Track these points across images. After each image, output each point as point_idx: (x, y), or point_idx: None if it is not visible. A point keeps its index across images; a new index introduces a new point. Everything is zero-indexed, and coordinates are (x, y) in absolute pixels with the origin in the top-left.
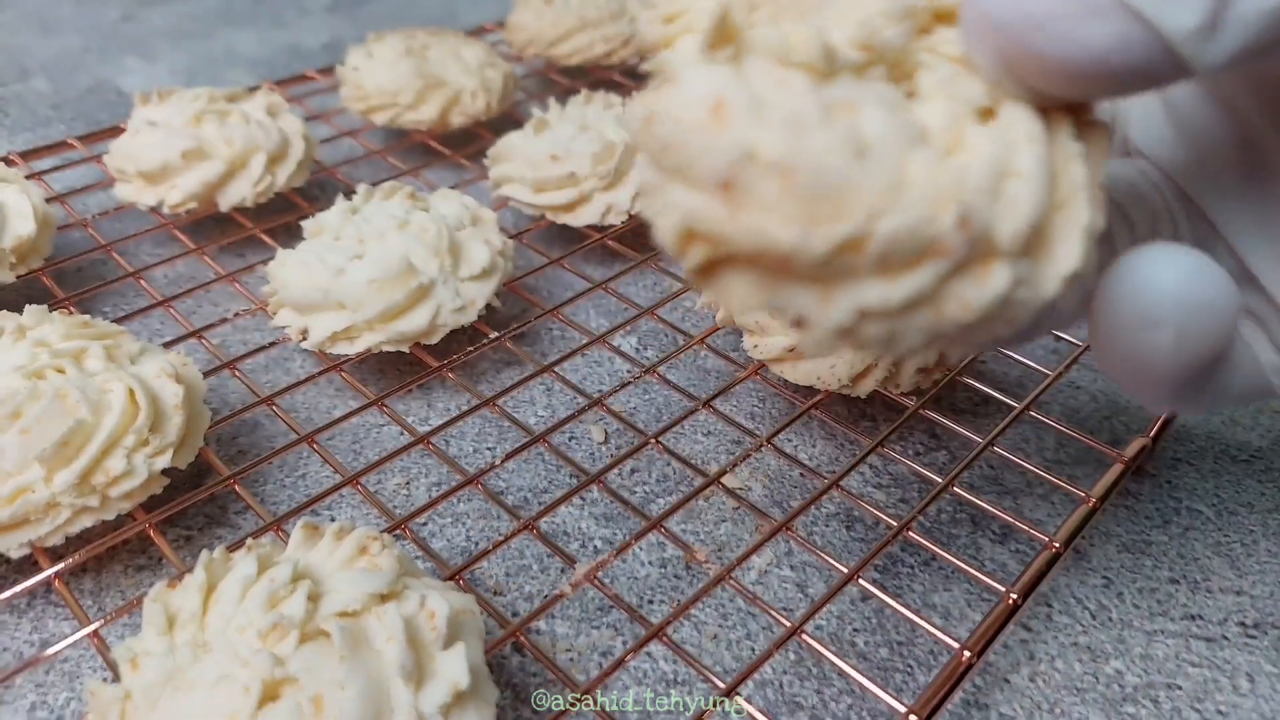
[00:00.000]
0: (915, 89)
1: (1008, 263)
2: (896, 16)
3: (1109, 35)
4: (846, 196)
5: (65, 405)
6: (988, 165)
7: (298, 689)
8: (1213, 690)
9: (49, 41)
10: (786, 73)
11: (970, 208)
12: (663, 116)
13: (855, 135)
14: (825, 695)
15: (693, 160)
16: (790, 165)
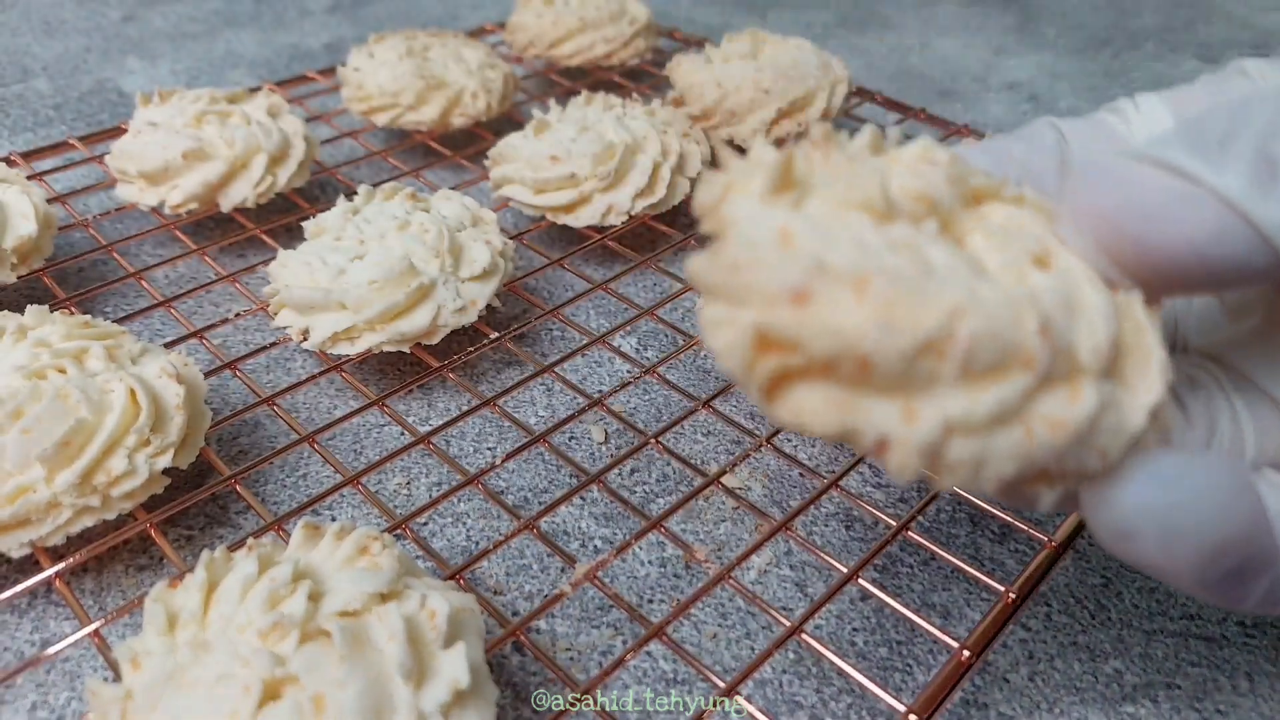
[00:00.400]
0: (966, 246)
1: (1094, 381)
2: (946, 179)
3: (1205, 225)
4: (925, 299)
5: (66, 405)
6: (1057, 291)
7: (298, 688)
8: (1212, 690)
9: (50, 42)
10: (848, 213)
11: (1050, 318)
12: (730, 244)
13: (922, 258)
14: (825, 694)
15: (764, 276)
16: (865, 274)
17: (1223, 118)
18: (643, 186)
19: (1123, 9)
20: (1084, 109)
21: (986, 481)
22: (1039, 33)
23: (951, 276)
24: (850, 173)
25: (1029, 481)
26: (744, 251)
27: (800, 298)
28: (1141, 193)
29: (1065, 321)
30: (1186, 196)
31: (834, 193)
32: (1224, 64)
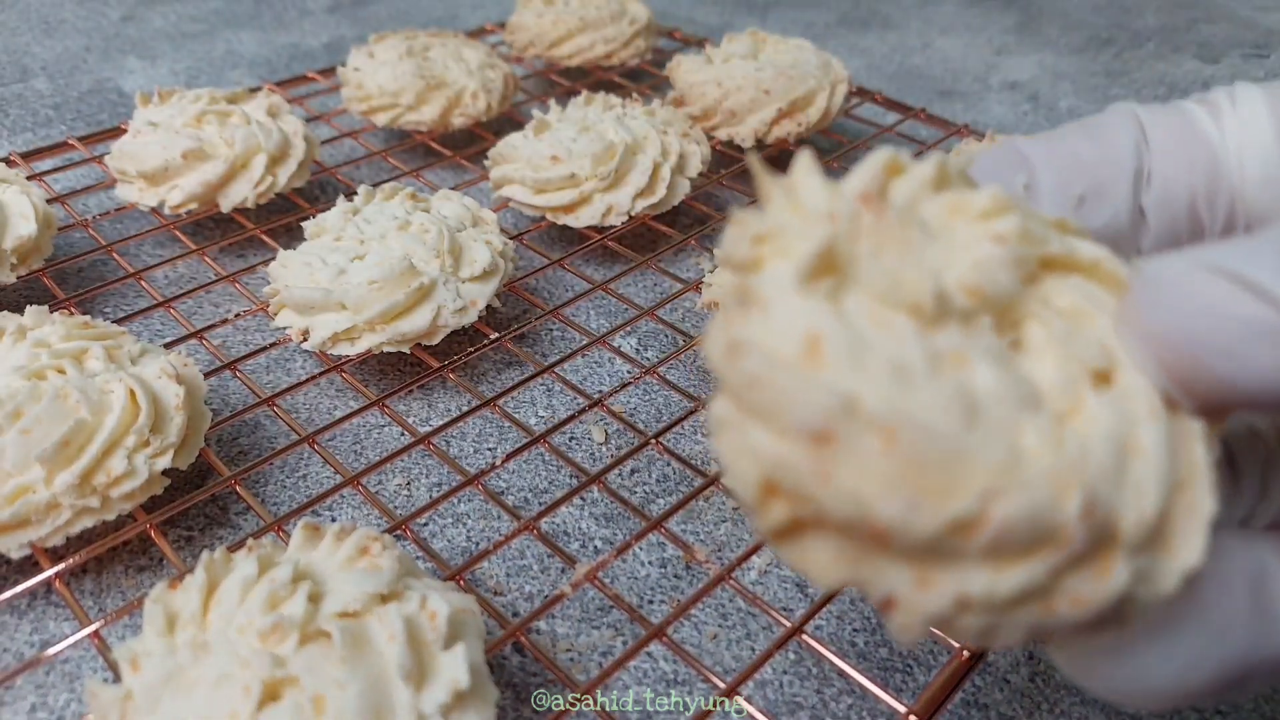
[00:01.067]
0: (1022, 339)
1: (1129, 556)
2: (1010, 263)
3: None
4: (958, 468)
5: (66, 405)
6: (1110, 441)
7: (298, 689)
8: None
9: (50, 42)
10: (890, 314)
11: (1095, 493)
12: (750, 348)
13: (965, 392)
14: (825, 695)
15: (784, 404)
16: (895, 424)
17: None
18: (643, 186)
19: (1124, 9)
20: (1085, 109)
21: (993, 644)
22: (1040, 32)
23: (996, 419)
24: (900, 252)
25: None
26: (764, 367)
27: (821, 441)
28: (1220, 324)
29: (1112, 489)
30: (1272, 330)
31: (879, 286)
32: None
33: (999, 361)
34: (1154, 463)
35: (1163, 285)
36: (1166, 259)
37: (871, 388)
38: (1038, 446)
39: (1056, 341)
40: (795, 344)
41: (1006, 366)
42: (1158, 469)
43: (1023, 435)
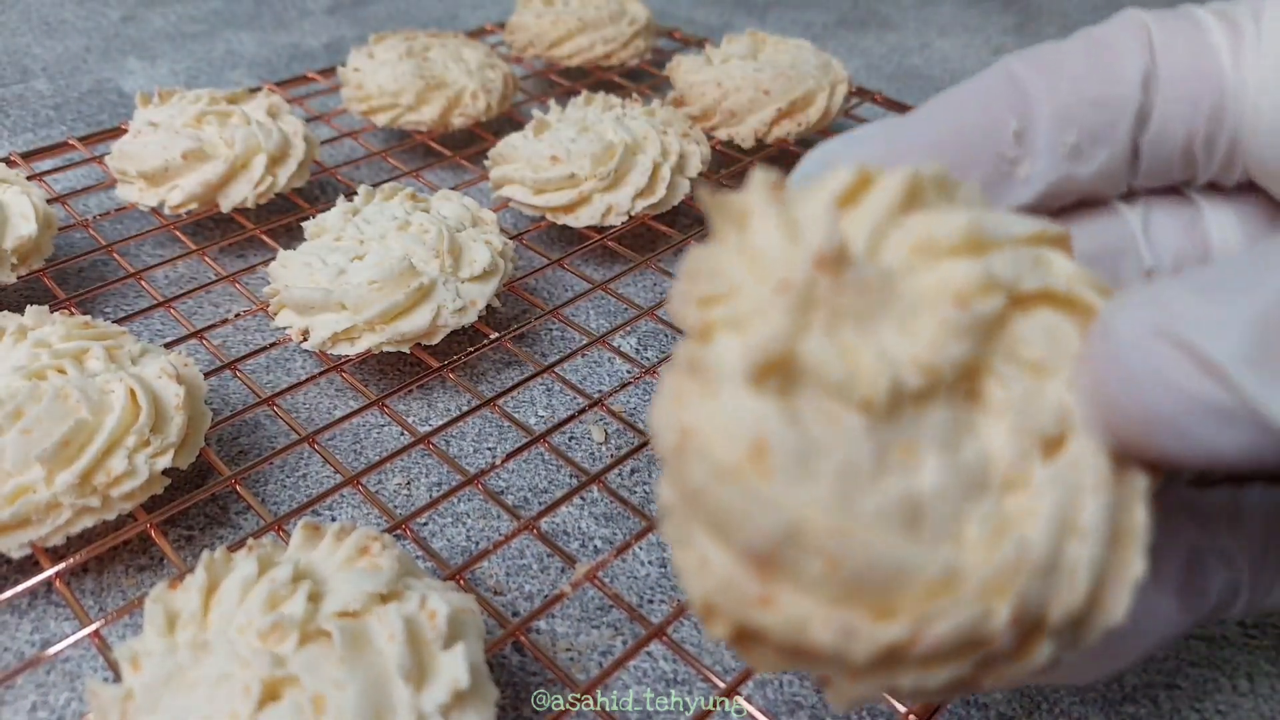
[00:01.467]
0: (982, 393)
1: (1054, 638)
2: (969, 330)
3: (1240, 445)
4: (895, 589)
5: (66, 405)
6: (1049, 535)
7: (298, 689)
8: (1212, 690)
9: (50, 42)
10: (841, 411)
11: (1026, 598)
12: (696, 452)
13: (909, 497)
14: (825, 695)
15: (729, 523)
16: (838, 552)
17: None
18: (643, 187)
19: (1121, 8)
20: None
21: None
22: (1039, 33)
23: (936, 530)
24: (857, 325)
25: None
26: (710, 481)
27: (765, 565)
28: (1175, 402)
29: (1044, 585)
30: (1228, 414)
31: (831, 380)
32: None
33: (947, 448)
34: (1089, 546)
35: (1113, 348)
36: (1128, 303)
37: (815, 510)
38: (976, 545)
39: (1013, 409)
40: (742, 449)
41: (955, 451)
42: (1091, 555)
43: (966, 526)
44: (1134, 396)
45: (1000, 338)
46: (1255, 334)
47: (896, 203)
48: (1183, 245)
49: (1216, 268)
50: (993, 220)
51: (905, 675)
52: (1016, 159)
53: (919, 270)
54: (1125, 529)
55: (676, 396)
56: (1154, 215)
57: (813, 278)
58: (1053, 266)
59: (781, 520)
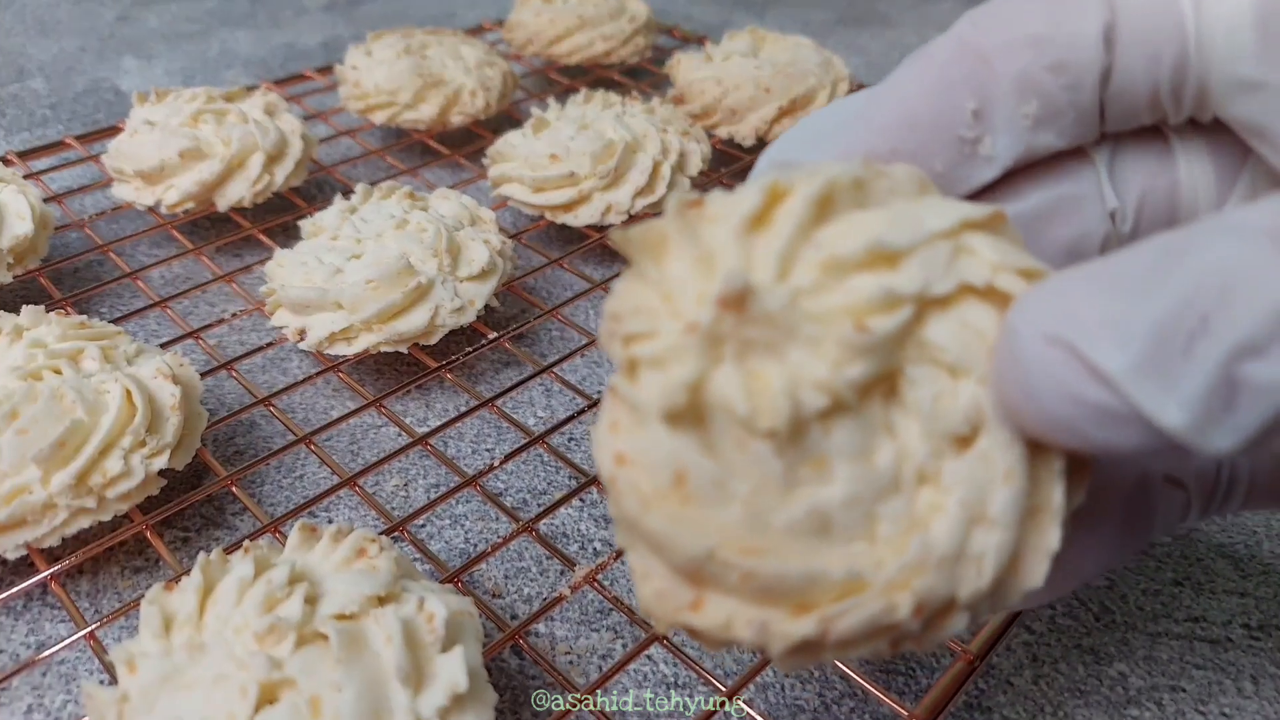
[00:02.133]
0: (899, 392)
1: (967, 613)
2: (872, 352)
3: (1133, 442)
4: (808, 593)
5: (62, 406)
6: (954, 529)
7: (295, 691)
8: (1216, 693)
9: (46, 42)
10: (751, 441)
11: (927, 591)
12: (627, 484)
13: (817, 508)
14: (827, 698)
15: (657, 545)
16: (750, 568)
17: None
18: (642, 185)
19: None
20: None
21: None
22: None
23: (844, 537)
24: (762, 358)
25: None
26: (640, 512)
27: (694, 580)
28: (1072, 409)
29: (949, 575)
30: (1122, 418)
31: (739, 414)
32: None
33: (859, 456)
34: (997, 534)
35: (1013, 353)
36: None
37: (730, 531)
38: (887, 543)
39: (924, 410)
40: (664, 479)
41: (868, 457)
42: (999, 542)
43: (878, 526)
44: (1032, 402)
45: (914, 341)
46: (1148, 342)
47: (806, 220)
48: (1150, 185)
49: (1120, 261)
50: (906, 221)
51: (826, 655)
52: (977, 137)
53: (828, 288)
54: (1041, 507)
55: (612, 425)
56: (1121, 154)
57: (719, 316)
58: (976, 256)
59: (701, 545)
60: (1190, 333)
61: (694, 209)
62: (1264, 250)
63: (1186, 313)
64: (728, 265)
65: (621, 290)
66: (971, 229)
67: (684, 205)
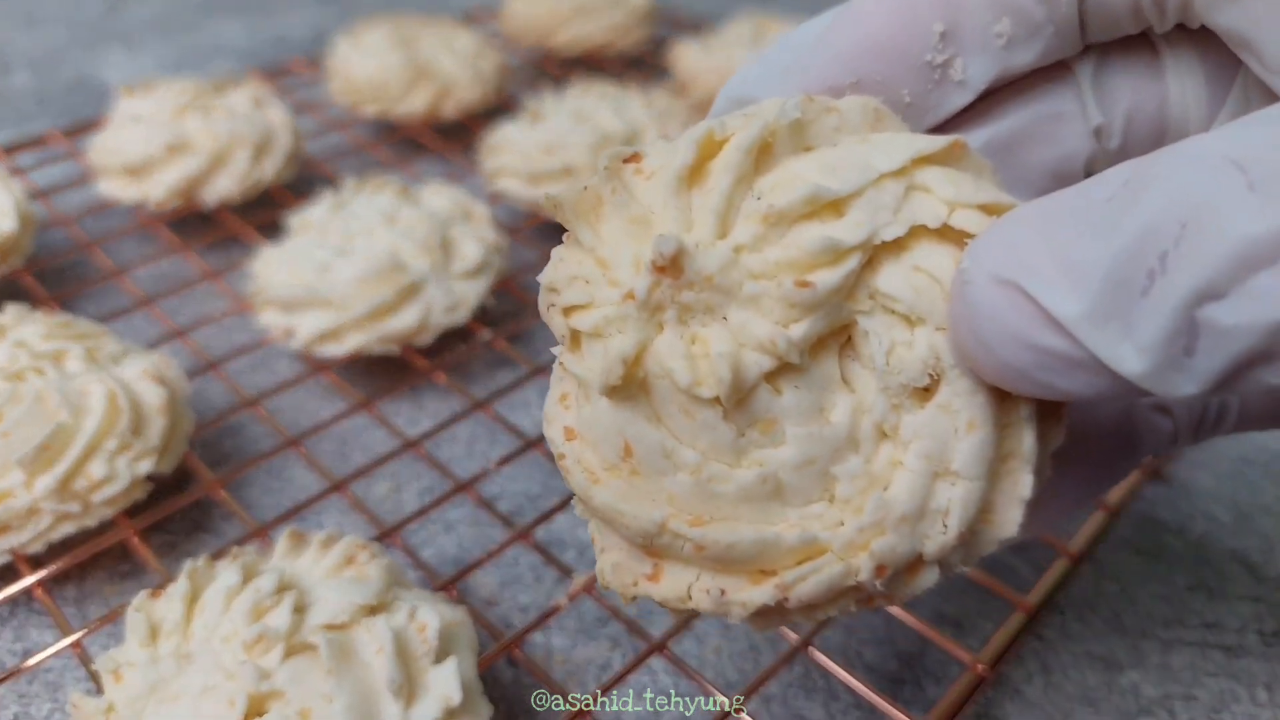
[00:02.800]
0: (854, 342)
1: (937, 567)
2: (813, 312)
3: (1092, 387)
4: (764, 559)
5: (45, 408)
6: (914, 485)
7: (284, 702)
8: (1230, 701)
9: (32, 34)
10: (695, 407)
11: (890, 552)
12: (574, 460)
13: (768, 474)
14: (832, 710)
15: (609, 520)
16: (701, 539)
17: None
18: None
19: None
20: None
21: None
22: None
23: (797, 500)
24: (703, 319)
25: None
26: (586, 489)
27: (650, 551)
28: (1029, 356)
29: (911, 532)
30: (1079, 363)
31: (682, 382)
32: None
33: (811, 417)
34: (962, 487)
35: (966, 300)
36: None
37: (679, 501)
38: (845, 503)
39: (879, 366)
40: (611, 453)
41: (821, 416)
42: (965, 494)
43: (836, 485)
44: (986, 349)
45: (866, 291)
46: (1104, 285)
47: (743, 171)
48: (1138, 98)
49: (1080, 193)
50: (850, 163)
51: (793, 618)
52: (947, 61)
53: (770, 242)
54: (1012, 453)
55: (562, 397)
56: (1106, 67)
57: (655, 282)
58: (930, 194)
59: (651, 517)
60: (1149, 272)
61: (629, 164)
62: (1226, 180)
63: (1145, 251)
64: (662, 228)
65: (558, 258)
66: (925, 164)
67: (617, 162)
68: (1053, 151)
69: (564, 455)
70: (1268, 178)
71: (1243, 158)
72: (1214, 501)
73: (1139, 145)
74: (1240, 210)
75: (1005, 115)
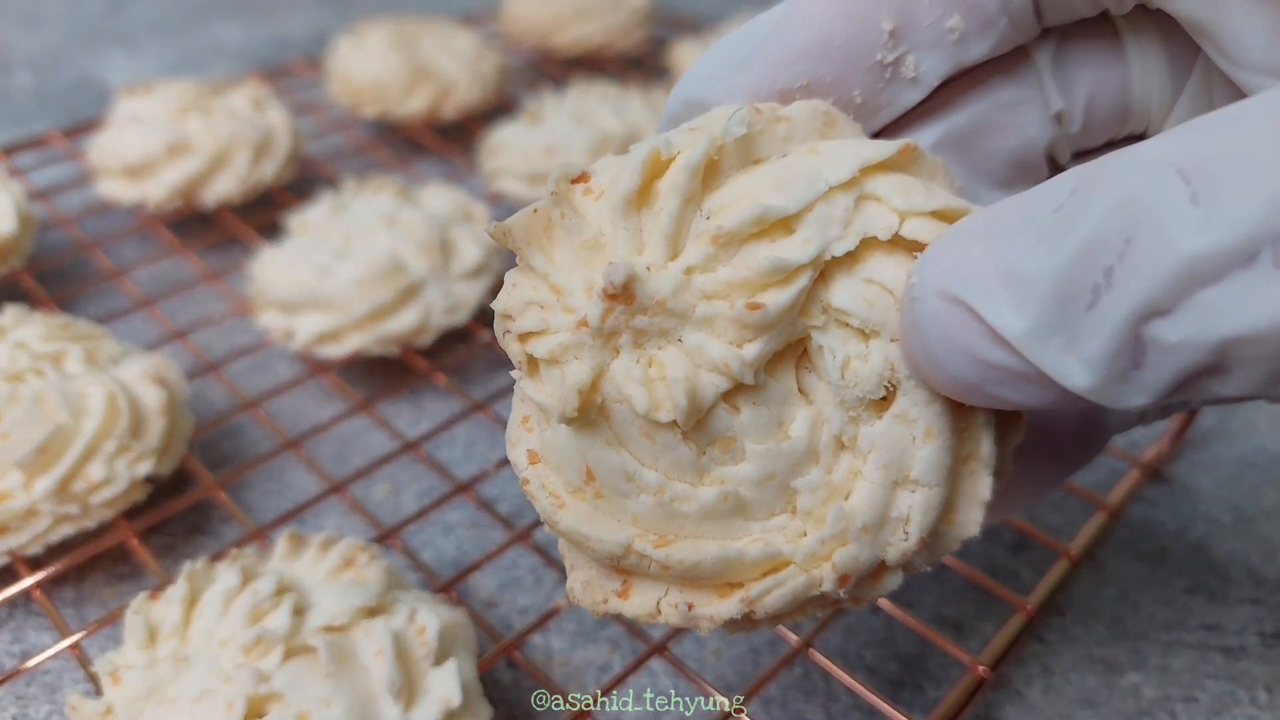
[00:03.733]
0: (810, 357)
1: (901, 571)
2: (768, 327)
3: (1041, 399)
4: (730, 574)
5: (45, 410)
6: (873, 495)
7: (283, 705)
8: (1230, 703)
9: (32, 35)
10: (654, 430)
11: (852, 561)
12: (538, 485)
13: (729, 492)
14: (832, 712)
15: (576, 542)
16: (665, 559)
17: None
18: None
19: None
20: None
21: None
22: None
23: (759, 514)
24: (659, 342)
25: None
26: (551, 512)
27: (619, 570)
28: (976, 371)
29: (873, 541)
30: (1026, 378)
31: (640, 407)
32: None
33: (769, 432)
34: (921, 494)
35: (915, 317)
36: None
37: (643, 522)
38: (808, 515)
39: (834, 380)
40: (574, 476)
41: (779, 431)
42: (924, 501)
43: (798, 498)
44: (938, 366)
45: (819, 306)
46: (1049, 300)
47: (690, 191)
48: (1099, 82)
49: (1027, 201)
50: (798, 178)
51: (762, 626)
52: (899, 59)
53: (721, 261)
54: (971, 455)
55: (524, 420)
56: (1066, 51)
57: (609, 308)
58: (881, 203)
59: (615, 540)
60: (1094, 287)
61: (578, 185)
62: (1170, 191)
63: (1090, 266)
64: (612, 253)
65: (511, 283)
66: (876, 171)
67: (565, 183)
68: (1012, 140)
69: (528, 480)
70: (1211, 191)
71: (1188, 166)
72: (1214, 504)
73: (1101, 129)
74: (1183, 225)
75: (962, 106)
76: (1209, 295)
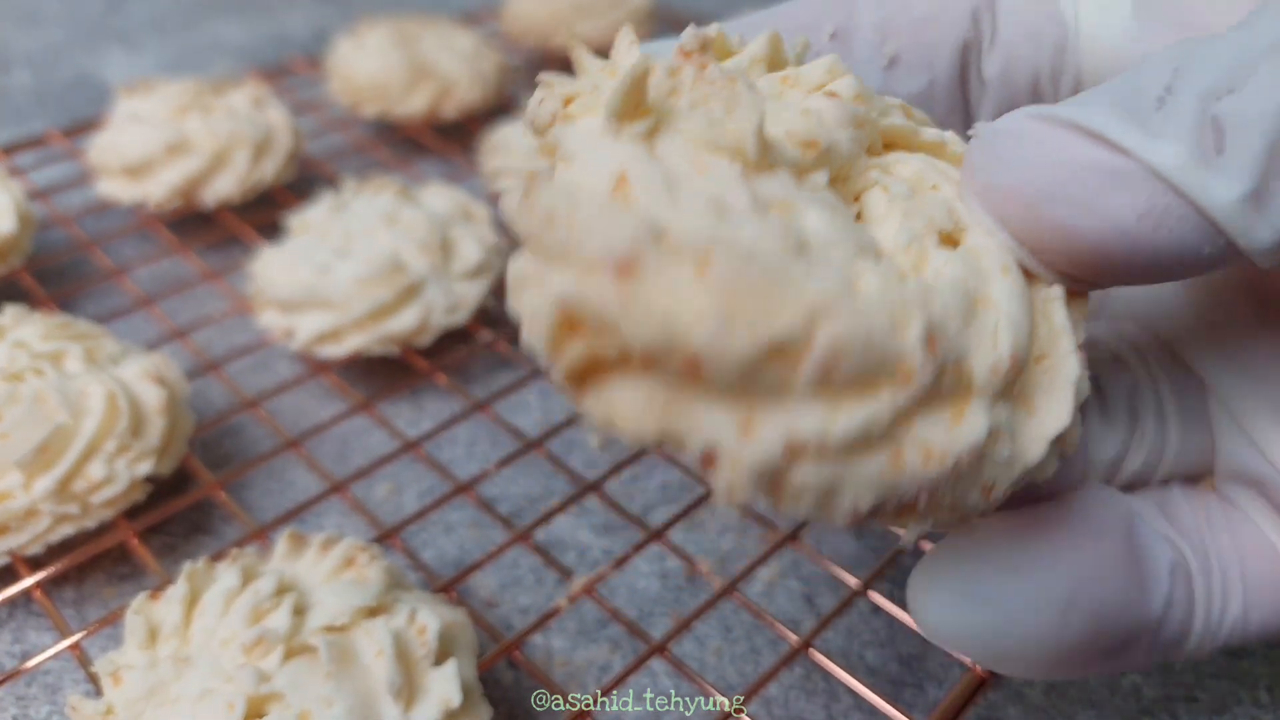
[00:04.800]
0: (864, 210)
1: (986, 404)
2: (844, 119)
3: (1137, 207)
4: (782, 293)
5: (44, 409)
6: (957, 286)
7: (283, 705)
8: (1231, 703)
9: (31, 33)
10: (710, 158)
11: (940, 325)
12: (550, 188)
13: (794, 231)
14: (833, 712)
15: (584, 236)
16: (710, 249)
17: (1163, 69)
18: None
19: None
20: None
21: (838, 513)
22: None
23: (826, 256)
24: (726, 100)
25: (889, 515)
26: (563, 201)
27: (625, 270)
28: (1060, 170)
29: (961, 327)
30: (1116, 173)
31: (698, 128)
32: None
33: (833, 210)
34: (1005, 314)
35: (1000, 138)
36: (1001, 118)
37: (685, 219)
38: (875, 285)
39: (899, 205)
40: (602, 181)
41: (842, 215)
42: (1010, 319)
43: (860, 277)
44: (1027, 177)
45: (876, 163)
46: (1125, 88)
47: (762, 56)
48: None
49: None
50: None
51: (807, 415)
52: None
53: (788, 94)
54: (1046, 325)
55: (528, 181)
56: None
57: (677, 63)
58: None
59: (644, 224)
60: (1166, 86)
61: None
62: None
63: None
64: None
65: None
66: (912, 116)
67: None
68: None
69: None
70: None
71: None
72: None
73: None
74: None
75: None
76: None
